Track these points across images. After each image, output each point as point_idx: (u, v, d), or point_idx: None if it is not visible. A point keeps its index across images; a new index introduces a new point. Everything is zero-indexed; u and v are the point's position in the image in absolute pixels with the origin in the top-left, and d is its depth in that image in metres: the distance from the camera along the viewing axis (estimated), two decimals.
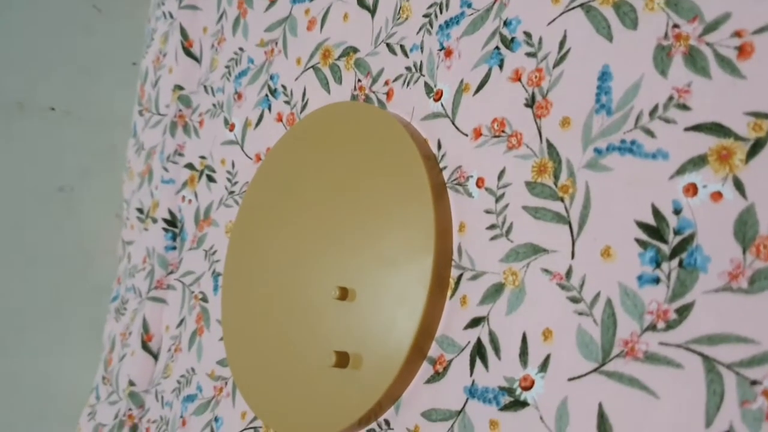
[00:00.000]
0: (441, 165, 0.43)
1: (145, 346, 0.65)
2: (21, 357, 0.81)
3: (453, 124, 0.43)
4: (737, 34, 0.32)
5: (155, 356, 0.65)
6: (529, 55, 0.39)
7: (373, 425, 0.43)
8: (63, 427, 0.74)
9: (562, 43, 0.38)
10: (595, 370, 0.33)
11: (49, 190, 0.83)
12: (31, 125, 0.81)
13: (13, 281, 0.80)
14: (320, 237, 0.48)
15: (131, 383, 0.65)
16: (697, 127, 0.32)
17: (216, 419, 0.55)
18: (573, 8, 0.38)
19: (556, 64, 0.38)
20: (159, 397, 0.62)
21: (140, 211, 0.72)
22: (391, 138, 0.45)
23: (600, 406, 0.32)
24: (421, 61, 0.46)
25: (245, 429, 0.52)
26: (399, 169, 0.44)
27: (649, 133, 0.34)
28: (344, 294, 0.45)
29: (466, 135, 0.42)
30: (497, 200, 0.39)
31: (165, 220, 0.67)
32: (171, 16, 0.72)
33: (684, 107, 0.33)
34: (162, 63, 0.72)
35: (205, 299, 0.60)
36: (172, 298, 0.65)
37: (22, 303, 0.80)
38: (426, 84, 0.45)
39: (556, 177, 0.37)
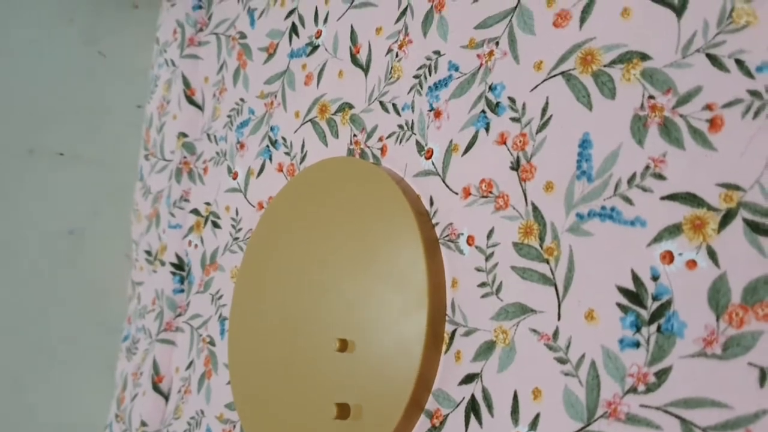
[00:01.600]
0: (433, 221, 0.45)
1: (156, 387, 0.67)
2: (37, 394, 0.84)
3: (443, 182, 0.45)
4: (708, 107, 0.33)
5: (166, 397, 0.67)
6: (513, 120, 0.41)
7: None
8: None
9: (544, 110, 0.40)
10: (580, 430, 0.35)
11: (60, 232, 0.85)
12: (41, 170, 0.84)
13: (27, 321, 0.82)
14: (320, 287, 0.50)
15: (143, 423, 0.66)
16: (673, 197, 0.34)
17: None
18: (554, 76, 0.39)
19: (539, 129, 0.40)
20: None
21: (149, 253, 0.74)
22: (385, 194, 0.47)
23: None
24: (412, 120, 0.48)
25: None
26: (393, 224, 0.46)
27: (628, 200, 0.35)
28: (344, 346, 0.46)
29: (457, 194, 0.44)
30: (487, 259, 0.41)
31: (172, 264, 0.69)
32: (173, 63, 0.75)
33: (660, 176, 0.34)
34: (166, 110, 0.75)
35: (212, 343, 0.62)
36: (181, 341, 0.67)
37: (37, 342, 0.83)
38: (417, 142, 0.47)
39: (542, 239, 0.38)
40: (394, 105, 0.50)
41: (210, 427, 0.59)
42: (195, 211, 0.69)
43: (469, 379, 0.40)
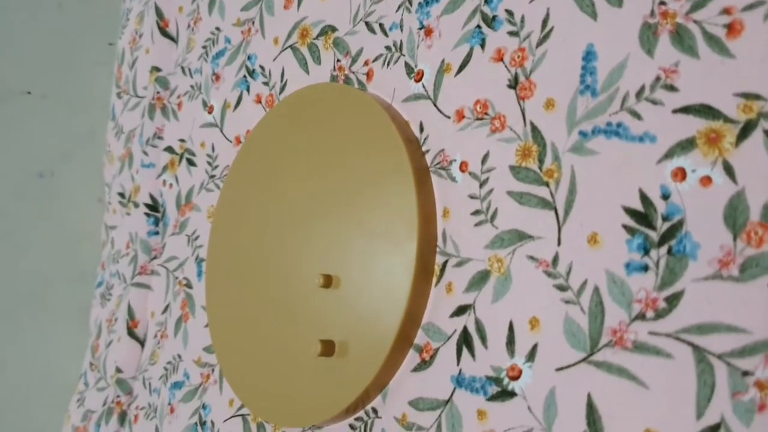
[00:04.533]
0: (424, 148, 0.42)
1: (131, 333, 0.64)
2: (8, 345, 0.81)
3: (435, 105, 0.42)
4: (726, 11, 0.30)
5: (141, 343, 0.64)
6: (511, 33, 0.38)
7: (361, 413, 0.43)
8: (52, 413, 0.74)
9: (545, 22, 0.37)
10: (583, 360, 0.32)
11: (29, 176, 0.81)
12: (7, 110, 0.79)
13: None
14: (303, 222, 0.47)
15: (118, 370, 0.64)
16: (685, 109, 0.31)
17: (204, 406, 0.54)
18: None
19: (539, 43, 0.37)
20: (146, 384, 0.62)
21: (122, 195, 0.70)
22: (372, 121, 0.44)
23: (589, 396, 0.32)
24: (401, 41, 0.45)
25: (233, 416, 0.51)
26: (380, 153, 0.43)
27: (636, 115, 0.32)
28: (328, 281, 0.44)
29: (449, 117, 0.41)
30: (481, 185, 0.38)
31: (147, 205, 0.66)
32: None
33: (671, 88, 0.32)
34: (138, 44, 0.70)
35: (189, 285, 0.59)
36: (157, 284, 0.64)
37: (7, 291, 0.79)
38: (407, 64, 0.44)
39: (541, 161, 0.36)
40: (380, 25, 0.46)
41: (188, 371, 0.57)
42: (169, 149, 0.65)
43: (461, 310, 0.38)
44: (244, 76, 0.57)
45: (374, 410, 0.42)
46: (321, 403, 0.43)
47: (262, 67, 0.55)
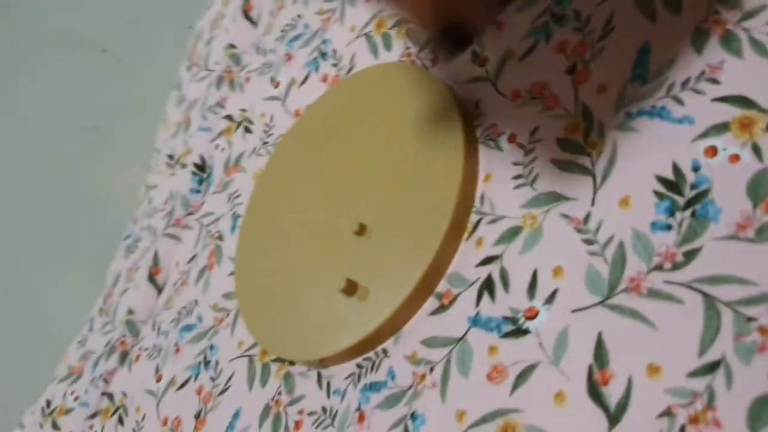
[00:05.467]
0: (477, 122, 0.46)
1: (151, 279, 0.66)
2: (17, 287, 0.82)
3: (494, 86, 0.46)
4: None
5: (159, 289, 0.66)
6: (575, 30, 0.43)
7: (370, 354, 0.45)
8: (50, 354, 0.75)
9: (608, 21, 0.42)
10: (599, 303, 0.35)
11: (84, 128, 0.85)
12: (81, 64, 0.84)
13: (30, 211, 0.82)
14: (347, 178, 0.50)
15: (130, 311, 0.66)
16: (724, 99, 0.35)
17: (211, 347, 0.56)
18: None
19: (600, 38, 0.41)
20: (156, 327, 0.64)
21: (170, 157, 0.74)
22: (430, 95, 0.48)
23: (599, 334, 0.34)
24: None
25: (240, 356, 0.53)
26: (435, 124, 0.47)
27: (679, 101, 0.37)
28: (362, 229, 0.47)
29: (505, 96, 0.45)
30: (526, 154, 0.42)
31: (195, 165, 0.69)
32: None
33: (714, 81, 0.36)
34: (219, 25, 0.76)
35: (220, 237, 0.62)
36: (187, 237, 0.67)
37: (35, 234, 0.82)
38: (473, 52, 0.49)
39: (587, 135, 0.40)
40: None
41: (201, 314, 0.59)
42: (228, 117, 0.69)
43: (487, 261, 0.41)
44: (315, 58, 0.62)
45: (384, 351, 0.44)
46: (332, 339, 0.46)
47: (334, 51, 0.61)
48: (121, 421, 0.61)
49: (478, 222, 0.43)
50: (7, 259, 0.84)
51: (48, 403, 0.70)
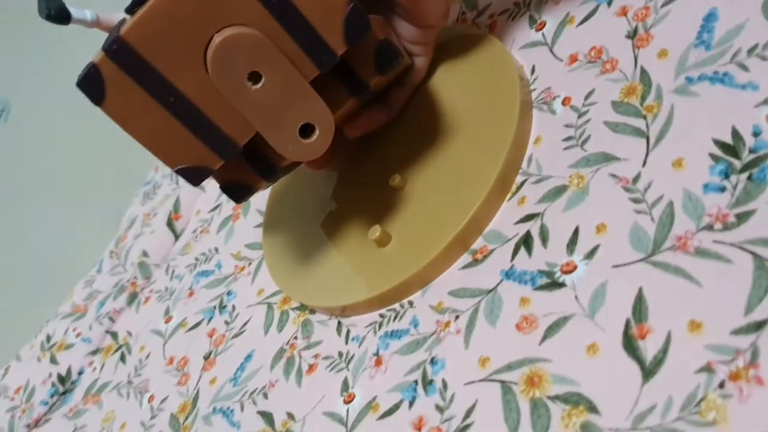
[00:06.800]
0: (531, 87, 0.45)
1: (170, 224, 0.66)
2: (31, 227, 0.82)
3: (551, 51, 0.45)
4: None
5: (177, 236, 0.65)
6: None
7: (395, 305, 0.44)
8: (55, 292, 0.74)
9: None
10: (642, 259, 0.34)
11: None
12: None
13: (54, 148, 0.81)
14: (395, 131, 0.50)
15: (145, 254, 0.65)
16: None
17: (229, 293, 0.55)
18: None
19: (665, 3, 0.41)
20: (170, 271, 0.63)
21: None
22: (488, 57, 0.47)
23: (640, 290, 0.33)
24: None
25: (258, 303, 0.52)
26: (491, 86, 0.46)
27: (743, 67, 0.36)
28: (403, 183, 0.46)
29: (561, 60, 0.44)
30: (579, 116, 0.41)
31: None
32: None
33: None
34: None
35: None
36: (211, 187, 0.66)
37: (57, 172, 0.81)
38: (531, 16, 0.48)
39: (643, 98, 0.39)
40: None
41: (221, 262, 0.58)
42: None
43: (528, 218, 0.40)
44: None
45: (410, 302, 0.43)
46: (357, 287, 0.45)
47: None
48: (123, 358, 0.60)
49: (523, 183, 0.42)
50: (24, 196, 0.83)
51: (48, 338, 0.69)
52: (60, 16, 0.49)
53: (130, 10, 0.38)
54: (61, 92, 0.85)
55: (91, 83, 0.36)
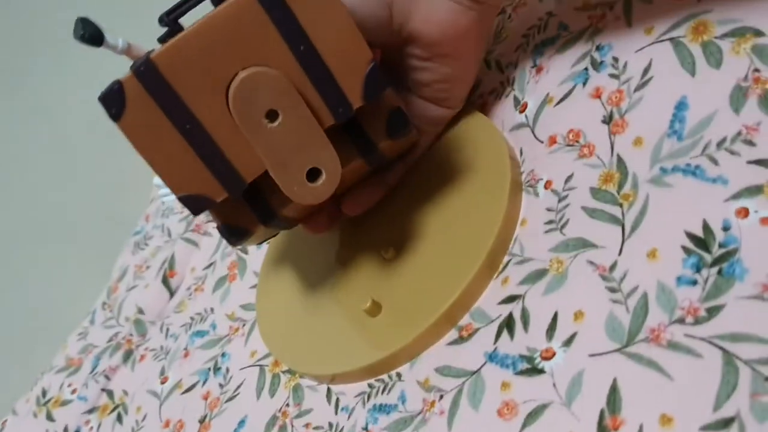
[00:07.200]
0: (521, 169, 0.47)
1: (165, 281, 0.67)
2: (21, 274, 0.83)
3: (532, 132, 0.47)
4: None
5: (172, 292, 0.67)
6: (612, 76, 0.44)
7: (384, 376, 0.45)
8: (48, 343, 0.75)
9: (646, 70, 0.43)
10: (617, 350, 0.36)
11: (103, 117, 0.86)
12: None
13: (40, 195, 0.82)
14: (387, 203, 0.51)
15: (140, 311, 0.66)
16: (759, 162, 0.36)
17: (223, 354, 0.56)
18: (662, 41, 0.42)
19: (638, 88, 0.42)
20: (164, 329, 0.64)
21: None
22: (481, 136, 0.49)
23: (614, 380, 0.35)
24: (513, 77, 0.51)
25: (251, 366, 0.53)
26: (485, 166, 0.47)
27: (713, 160, 0.38)
28: (394, 255, 0.48)
29: (542, 142, 0.46)
30: (560, 200, 0.43)
31: None
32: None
33: (750, 143, 0.37)
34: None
35: (244, 251, 0.63)
36: (206, 244, 0.68)
37: (41, 219, 0.82)
38: (515, 97, 0.50)
39: (620, 187, 0.41)
40: (497, 62, 0.53)
41: (215, 323, 0.59)
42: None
43: (510, 299, 0.42)
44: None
45: (398, 374, 0.45)
46: (347, 356, 0.46)
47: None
48: (119, 419, 0.61)
49: (508, 263, 0.44)
50: (14, 242, 0.84)
51: (44, 393, 0.70)
52: (93, 39, 0.51)
53: (163, 39, 0.40)
54: (48, 138, 0.86)
55: (113, 99, 0.37)
